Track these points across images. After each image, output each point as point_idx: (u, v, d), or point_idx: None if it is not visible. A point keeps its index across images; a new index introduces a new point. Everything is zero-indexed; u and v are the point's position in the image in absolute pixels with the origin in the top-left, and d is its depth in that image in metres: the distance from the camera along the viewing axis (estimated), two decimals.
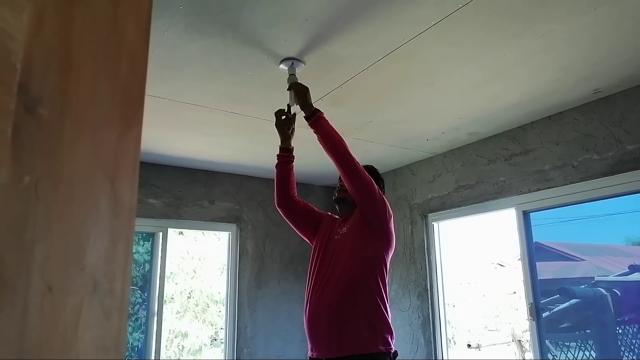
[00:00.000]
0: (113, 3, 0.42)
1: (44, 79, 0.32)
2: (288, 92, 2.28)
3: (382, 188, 2.23)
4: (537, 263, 3.26)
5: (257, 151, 3.79)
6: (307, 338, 2.02)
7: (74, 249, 0.34)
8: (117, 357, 0.39)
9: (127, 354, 3.79)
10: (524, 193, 3.26)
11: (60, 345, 0.32)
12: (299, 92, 2.16)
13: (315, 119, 2.06)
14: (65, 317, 0.33)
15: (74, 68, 0.35)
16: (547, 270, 3.54)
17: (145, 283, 4.01)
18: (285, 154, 2.27)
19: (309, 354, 2.02)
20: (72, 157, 0.35)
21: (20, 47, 0.30)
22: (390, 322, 1.98)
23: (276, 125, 2.30)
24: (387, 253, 2.06)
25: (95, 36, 0.39)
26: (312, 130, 2.09)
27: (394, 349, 1.94)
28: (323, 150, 2.07)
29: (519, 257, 3.34)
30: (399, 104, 2.91)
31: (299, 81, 2.24)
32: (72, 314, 0.34)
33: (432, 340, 3.79)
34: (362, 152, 3.73)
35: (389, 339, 1.93)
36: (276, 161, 2.30)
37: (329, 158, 2.05)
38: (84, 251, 0.36)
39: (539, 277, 3.24)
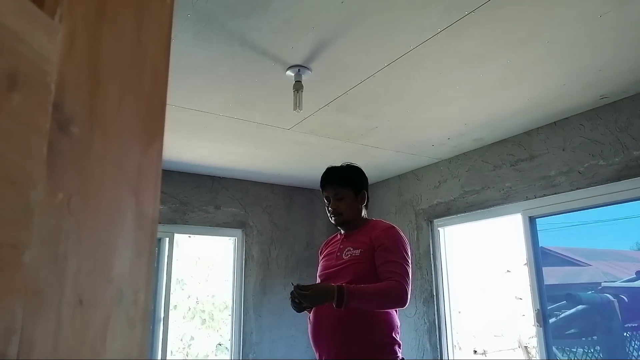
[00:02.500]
0: (138, 20, 0.43)
1: (76, 98, 0.33)
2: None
3: (366, 187, 2.14)
4: (543, 268, 3.25)
5: (263, 157, 3.81)
6: (314, 348, 1.99)
7: (102, 261, 0.35)
8: None
9: None
10: (529, 199, 3.25)
11: (90, 356, 0.33)
12: (316, 301, 1.88)
13: (347, 304, 1.79)
14: (95, 329, 0.34)
15: (102, 85, 0.36)
16: (553, 275, 3.53)
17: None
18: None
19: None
20: (100, 172, 0.36)
21: (54, 69, 0.31)
22: (398, 330, 1.97)
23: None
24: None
25: (121, 53, 0.40)
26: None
27: (401, 357, 1.93)
28: None
29: (525, 262, 3.34)
30: (404, 110, 2.92)
31: (303, 287, 1.89)
32: (101, 325, 0.34)
33: (438, 346, 3.78)
34: (368, 158, 3.75)
35: (396, 348, 1.92)
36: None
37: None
38: (112, 264, 0.37)
39: (545, 283, 3.23)
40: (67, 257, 0.31)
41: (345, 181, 2.08)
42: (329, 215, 2.12)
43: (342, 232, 2.14)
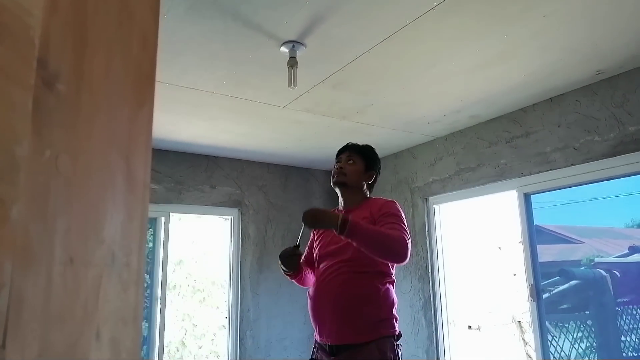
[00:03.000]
0: None
1: (61, 55, 0.32)
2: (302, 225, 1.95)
3: (378, 170, 2.19)
4: (537, 246, 3.28)
5: (258, 135, 3.79)
6: (313, 324, 1.98)
7: (92, 222, 0.35)
8: (135, 328, 0.40)
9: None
10: (525, 175, 3.26)
11: (82, 315, 0.33)
12: (316, 218, 1.89)
13: (348, 232, 1.77)
14: (86, 289, 0.34)
15: (89, 45, 0.36)
16: (547, 253, 3.57)
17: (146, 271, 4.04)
18: (292, 273, 2.09)
19: (315, 336, 2.02)
20: (89, 132, 0.35)
21: (38, 23, 0.30)
22: (396, 305, 1.99)
23: (283, 265, 2.06)
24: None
25: (108, 14, 0.39)
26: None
27: (398, 331, 1.96)
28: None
29: (520, 240, 3.36)
30: (400, 86, 2.90)
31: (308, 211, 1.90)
32: (93, 285, 0.34)
33: (433, 322, 3.83)
34: (363, 136, 3.73)
35: (394, 322, 1.94)
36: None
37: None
38: (102, 225, 0.37)
39: (539, 260, 3.27)
40: (57, 216, 0.30)
41: (361, 152, 2.14)
42: (332, 175, 2.12)
43: (341, 208, 2.14)
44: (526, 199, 3.30)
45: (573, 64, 2.67)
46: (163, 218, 4.06)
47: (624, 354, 3.03)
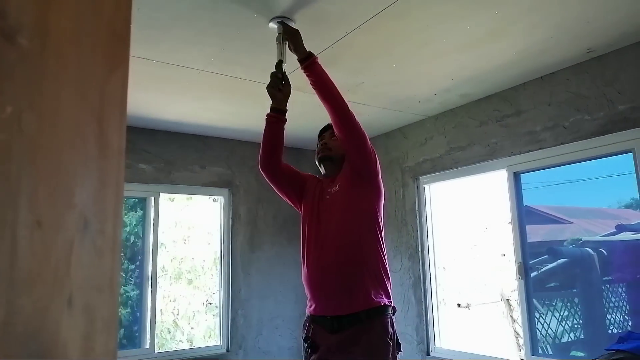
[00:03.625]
0: None
1: (23, 7, 0.30)
2: (276, 45, 2.20)
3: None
4: (526, 226, 3.30)
5: (248, 115, 3.75)
6: (312, 298, 2.00)
7: (62, 186, 0.34)
8: (111, 297, 0.39)
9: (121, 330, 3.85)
10: (515, 154, 3.27)
11: (52, 280, 0.32)
12: (290, 34, 2.11)
13: (310, 62, 2.01)
14: (57, 253, 0.32)
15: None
16: (536, 233, 3.60)
17: (133, 255, 4.02)
18: (278, 115, 2.17)
19: (311, 311, 2.01)
20: (55, 91, 0.34)
21: None
22: (389, 273, 2.03)
23: (268, 87, 2.18)
24: (379, 204, 2.07)
25: None
26: (305, 74, 2.04)
27: (393, 304, 1.99)
28: (318, 97, 2.03)
29: (509, 220, 3.38)
30: (391, 64, 2.87)
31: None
32: (63, 250, 0.33)
33: (422, 300, 3.88)
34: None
35: (389, 292, 1.99)
36: (266, 120, 2.20)
37: (323, 104, 2.01)
38: (73, 190, 0.35)
39: (528, 240, 3.29)
40: (21, 176, 0.29)
41: None
42: (316, 153, 2.22)
43: (320, 176, 2.23)
44: (516, 178, 3.32)
45: (564, 42, 2.65)
46: (152, 198, 4.03)
47: (609, 331, 3.09)
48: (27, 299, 0.29)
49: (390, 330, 1.92)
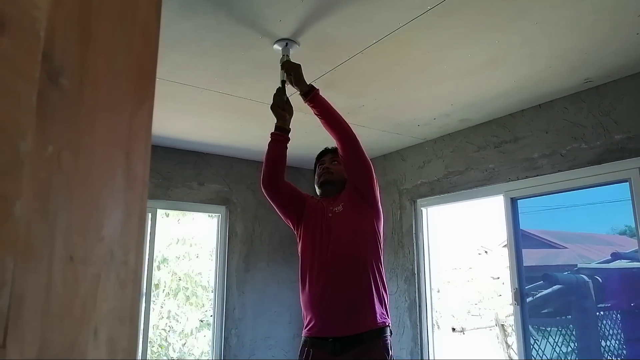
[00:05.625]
0: None
1: (66, 49, 0.31)
2: (281, 71, 2.26)
3: None
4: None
5: (248, 133, 3.77)
6: (315, 318, 1.97)
7: (92, 219, 0.34)
8: (132, 327, 0.39)
9: None
10: (512, 180, 3.30)
11: (81, 313, 0.32)
12: (292, 69, 2.16)
13: (314, 95, 2.09)
14: (85, 287, 0.33)
15: (93, 39, 0.35)
16: (531, 257, 3.61)
17: None
18: (282, 134, 2.20)
19: (311, 333, 1.98)
20: (90, 128, 0.35)
21: (44, 16, 0.29)
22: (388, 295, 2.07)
23: (273, 107, 2.22)
24: (380, 226, 2.12)
25: (112, 8, 0.38)
26: (309, 106, 2.11)
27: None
28: (322, 125, 2.10)
29: (504, 243, 3.40)
30: (392, 88, 2.91)
31: (291, 60, 2.25)
32: (92, 283, 0.34)
33: (417, 324, 3.85)
34: None
35: (388, 312, 2.02)
36: (270, 139, 2.21)
37: (329, 132, 2.09)
38: (102, 223, 0.36)
39: (524, 264, 3.30)
40: (58, 213, 0.30)
41: None
42: (317, 177, 2.27)
43: (320, 198, 2.26)
44: (513, 203, 3.34)
45: (562, 72, 2.70)
46: (150, 214, 4.02)
47: (604, 359, 3.08)
48: (58, 333, 0.30)
49: (391, 352, 1.93)
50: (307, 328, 2.00)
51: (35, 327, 0.28)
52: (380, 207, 2.15)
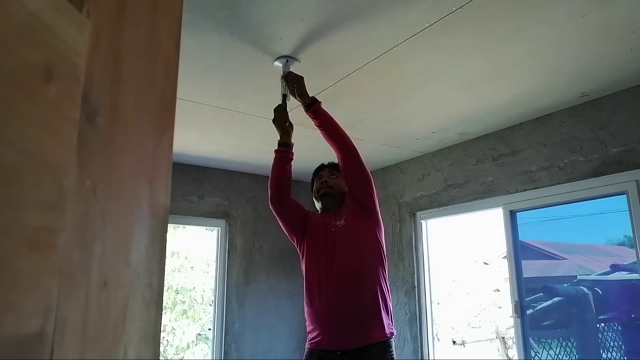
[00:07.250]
0: (153, 14, 0.44)
1: (101, 90, 0.34)
2: (281, 82, 2.29)
3: None
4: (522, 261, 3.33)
5: (248, 147, 3.81)
6: (322, 332, 1.98)
7: (122, 246, 0.37)
8: (155, 346, 0.41)
9: None
10: (511, 193, 3.33)
11: (113, 334, 0.35)
12: (295, 81, 2.20)
13: (317, 107, 2.14)
14: (117, 310, 0.35)
15: (123, 78, 0.38)
16: (531, 268, 3.62)
17: None
18: (286, 150, 2.25)
19: (318, 346, 1.99)
20: (121, 161, 0.37)
21: (83, 61, 0.32)
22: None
23: (274, 120, 2.28)
24: (382, 237, 2.16)
25: (139, 46, 0.41)
26: (311, 117, 2.16)
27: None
28: (323, 137, 2.15)
29: (503, 255, 3.41)
30: (391, 103, 2.95)
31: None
32: (122, 307, 0.36)
33: (418, 337, 3.85)
34: None
35: (393, 319, 2.05)
36: (275, 156, 2.25)
37: (329, 143, 2.14)
38: (130, 248, 0.38)
39: (523, 276, 3.31)
40: (94, 241, 0.32)
41: (339, 168, 2.28)
42: (316, 191, 2.31)
43: (322, 213, 2.30)
44: (512, 216, 3.36)
45: (559, 86, 2.74)
46: None
47: None
48: (94, 353, 0.32)
49: None
50: (313, 340, 2.01)
51: (75, 349, 0.30)
52: (381, 218, 2.18)
